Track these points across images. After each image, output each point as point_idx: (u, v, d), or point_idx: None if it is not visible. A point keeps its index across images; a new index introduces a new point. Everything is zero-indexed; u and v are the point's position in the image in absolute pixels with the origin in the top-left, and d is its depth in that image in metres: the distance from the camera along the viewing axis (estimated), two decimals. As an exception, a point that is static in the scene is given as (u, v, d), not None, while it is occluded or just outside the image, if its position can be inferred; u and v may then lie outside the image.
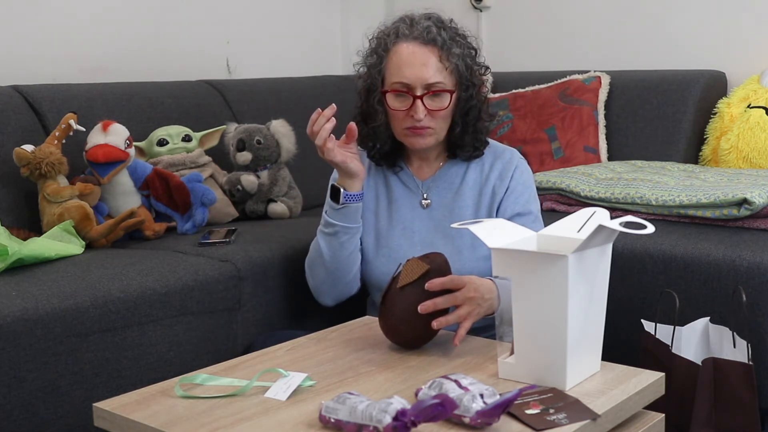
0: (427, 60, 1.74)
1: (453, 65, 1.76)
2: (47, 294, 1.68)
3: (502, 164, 1.87)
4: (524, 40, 3.45)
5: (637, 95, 2.89)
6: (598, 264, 1.38)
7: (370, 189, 1.90)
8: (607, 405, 1.30)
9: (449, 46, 1.75)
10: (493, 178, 1.86)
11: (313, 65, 3.48)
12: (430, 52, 1.75)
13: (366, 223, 1.88)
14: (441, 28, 1.77)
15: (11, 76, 2.49)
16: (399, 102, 1.78)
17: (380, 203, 1.90)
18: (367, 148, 1.88)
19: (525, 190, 1.86)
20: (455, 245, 1.82)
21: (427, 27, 1.76)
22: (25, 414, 1.62)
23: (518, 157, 1.90)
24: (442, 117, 1.78)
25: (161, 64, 2.95)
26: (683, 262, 2.02)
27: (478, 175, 1.87)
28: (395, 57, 1.77)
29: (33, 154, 2.10)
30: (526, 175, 1.88)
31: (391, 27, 1.81)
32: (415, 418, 1.13)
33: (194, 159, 2.48)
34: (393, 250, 1.85)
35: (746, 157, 2.60)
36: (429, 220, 1.86)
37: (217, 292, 1.92)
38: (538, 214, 1.87)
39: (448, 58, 1.75)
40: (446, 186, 1.88)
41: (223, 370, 1.47)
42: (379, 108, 1.81)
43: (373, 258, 1.87)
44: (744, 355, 1.82)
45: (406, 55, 1.75)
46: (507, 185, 1.85)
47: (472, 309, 1.54)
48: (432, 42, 1.75)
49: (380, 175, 1.91)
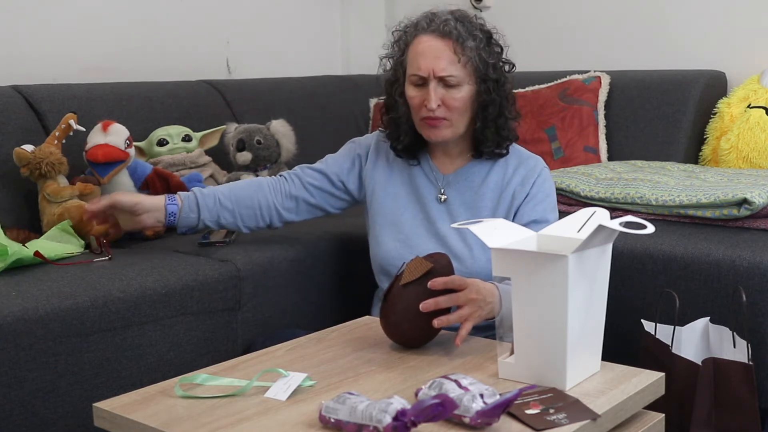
0: (441, 53, 1.76)
1: (467, 58, 1.76)
2: (47, 294, 1.68)
3: (526, 170, 1.87)
4: (524, 40, 3.44)
5: (637, 95, 2.89)
6: (598, 264, 1.38)
7: (393, 175, 1.92)
8: (607, 405, 1.30)
9: (464, 38, 1.76)
10: (515, 183, 1.86)
11: (313, 65, 3.48)
12: (445, 44, 1.76)
13: (383, 206, 1.90)
14: (460, 21, 1.78)
15: (11, 76, 2.49)
16: (416, 92, 1.80)
17: (402, 189, 1.91)
18: (390, 140, 1.91)
19: (545, 199, 1.86)
20: (467, 243, 1.83)
21: (445, 20, 1.78)
22: (25, 414, 1.62)
23: (542, 165, 1.90)
24: (458, 109, 1.79)
25: (161, 64, 2.95)
26: (683, 262, 2.02)
27: (500, 177, 1.88)
28: (413, 49, 1.80)
29: (33, 154, 2.11)
30: (547, 184, 1.88)
31: (414, 21, 1.84)
32: (415, 418, 1.13)
33: (194, 159, 2.48)
34: (407, 236, 1.86)
35: (746, 157, 2.60)
36: (446, 215, 1.87)
37: (217, 292, 1.92)
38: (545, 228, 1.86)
39: (463, 51, 1.76)
40: (467, 184, 1.88)
41: (223, 370, 1.47)
42: (400, 100, 1.84)
43: (386, 240, 1.88)
44: (744, 355, 1.82)
45: (422, 47, 1.78)
46: (528, 191, 1.85)
47: (473, 310, 1.54)
48: (447, 35, 1.76)
49: (404, 163, 1.93)
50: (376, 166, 1.94)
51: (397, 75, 1.85)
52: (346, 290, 2.18)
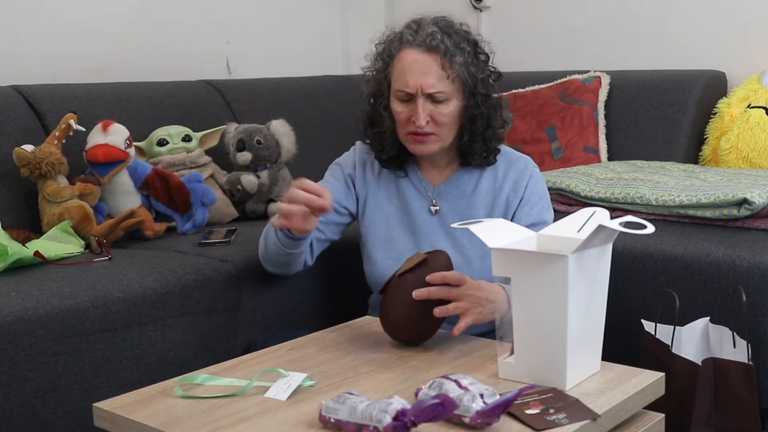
0: (428, 68, 1.71)
1: (456, 73, 1.72)
2: (47, 294, 1.68)
3: (516, 174, 1.85)
4: (524, 40, 3.45)
5: (637, 95, 2.89)
6: (598, 264, 1.38)
7: (381, 189, 1.88)
8: (607, 405, 1.30)
9: (453, 53, 1.72)
10: (507, 188, 1.84)
11: (313, 65, 3.48)
12: (432, 59, 1.72)
13: (374, 223, 1.87)
14: (447, 34, 1.73)
15: (11, 76, 2.49)
16: (402, 107, 1.76)
17: (391, 204, 1.87)
18: (374, 152, 1.87)
19: (540, 201, 1.84)
20: (465, 255, 1.81)
21: (431, 33, 1.72)
22: (25, 414, 1.62)
23: (532, 166, 1.88)
24: (446, 124, 1.75)
25: (161, 64, 2.95)
26: (683, 262, 2.02)
27: (491, 184, 1.85)
28: (399, 64, 1.75)
29: (33, 154, 2.11)
30: (540, 185, 1.86)
31: (398, 32, 1.78)
32: (415, 418, 1.13)
33: (194, 159, 2.48)
34: (401, 254, 1.82)
35: (746, 157, 2.60)
36: (439, 227, 1.84)
37: (217, 292, 1.92)
38: (551, 223, 1.85)
39: (451, 66, 1.72)
40: (458, 193, 1.85)
41: (223, 370, 1.47)
42: (385, 114, 1.80)
43: (379, 259, 1.85)
44: (744, 355, 1.82)
45: (409, 62, 1.73)
46: (521, 195, 1.83)
47: (472, 306, 1.54)
48: (435, 49, 1.72)
49: (392, 175, 1.89)
50: (364, 180, 1.89)
51: (381, 89, 1.80)
52: (346, 290, 2.18)
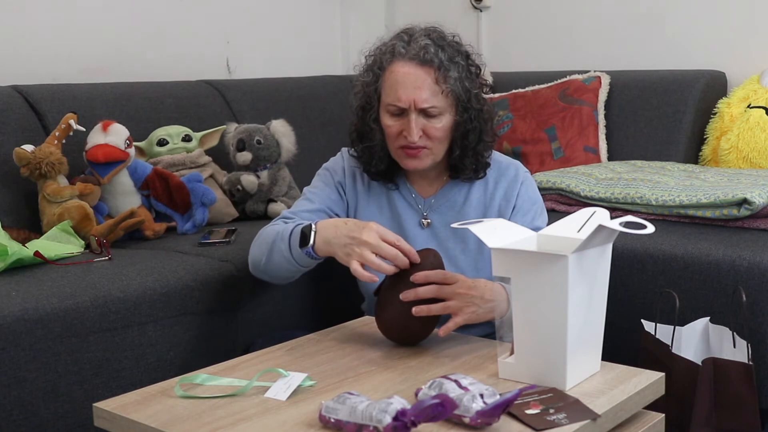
0: (421, 83, 1.67)
1: (449, 88, 1.69)
2: (47, 294, 1.68)
3: (507, 182, 1.82)
4: (524, 40, 3.45)
5: (637, 95, 2.89)
6: (598, 264, 1.38)
7: (371, 201, 1.86)
8: (607, 405, 1.30)
9: (447, 67, 1.68)
10: (498, 198, 1.82)
11: (313, 65, 3.48)
12: (426, 73, 1.68)
13: None
14: (440, 47, 1.70)
15: (11, 76, 2.49)
16: (393, 121, 1.72)
17: (383, 216, 1.84)
18: (363, 165, 1.83)
19: (532, 207, 1.82)
20: (458, 267, 1.79)
21: (424, 46, 1.68)
22: (25, 414, 1.62)
23: (523, 172, 1.85)
24: (439, 138, 1.72)
25: (161, 64, 2.95)
26: (683, 262, 2.02)
27: (482, 194, 1.83)
28: (390, 77, 1.70)
29: (33, 154, 2.11)
30: (531, 190, 1.84)
31: (389, 44, 1.74)
32: (415, 418, 1.13)
33: (194, 159, 2.48)
34: None
35: (746, 157, 2.60)
36: (432, 240, 1.82)
37: (217, 292, 1.92)
38: (544, 227, 1.84)
39: (445, 81, 1.68)
40: (449, 205, 1.83)
41: (223, 370, 1.47)
42: (375, 126, 1.76)
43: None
44: (744, 355, 1.82)
45: (401, 76, 1.68)
46: (513, 204, 1.81)
47: (464, 305, 1.54)
48: (428, 63, 1.68)
49: (382, 187, 1.86)
50: (354, 189, 1.86)
51: (371, 101, 1.75)
52: (345, 291, 2.17)
